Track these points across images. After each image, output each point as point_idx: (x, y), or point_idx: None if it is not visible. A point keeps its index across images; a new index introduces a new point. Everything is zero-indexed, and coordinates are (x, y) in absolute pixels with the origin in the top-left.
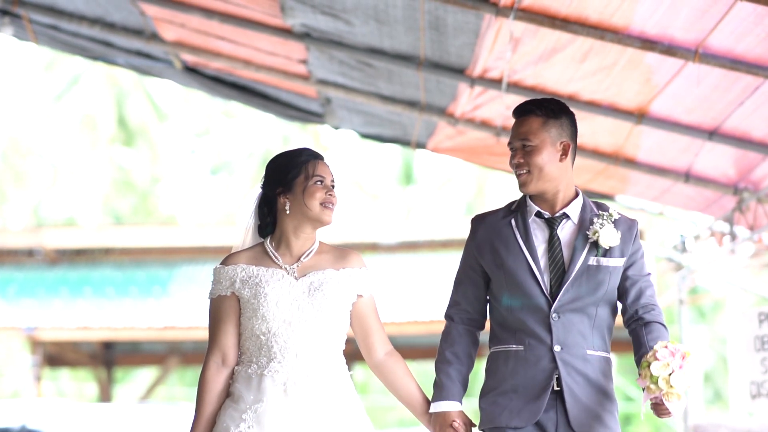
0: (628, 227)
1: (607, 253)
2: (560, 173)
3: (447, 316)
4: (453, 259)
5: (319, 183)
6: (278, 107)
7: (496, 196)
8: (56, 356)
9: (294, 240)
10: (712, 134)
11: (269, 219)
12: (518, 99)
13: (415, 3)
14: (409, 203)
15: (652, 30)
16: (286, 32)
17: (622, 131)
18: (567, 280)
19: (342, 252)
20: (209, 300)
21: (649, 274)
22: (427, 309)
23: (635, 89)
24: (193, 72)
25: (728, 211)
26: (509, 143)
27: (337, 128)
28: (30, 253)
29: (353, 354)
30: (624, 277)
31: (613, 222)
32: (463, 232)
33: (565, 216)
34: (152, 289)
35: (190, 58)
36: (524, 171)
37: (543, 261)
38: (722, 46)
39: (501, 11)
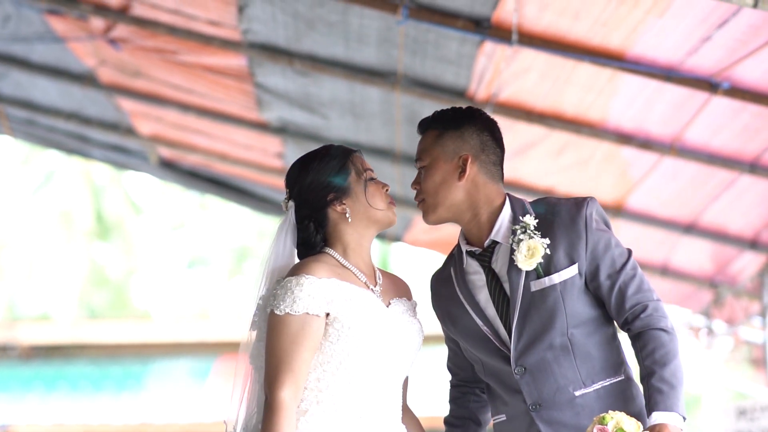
0: (569, 217)
1: (549, 267)
2: (465, 196)
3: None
4: (431, 354)
5: (372, 178)
6: (254, 201)
7: None
8: None
9: (364, 251)
10: (689, 228)
11: (318, 237)
12: None
13: (391, 97)
14: None
15: (628, 124)
16: (262, 126)
17: None
18: (513, 323)
19: (394, 276)
20: (286, 314)
21: (627, 260)
22: None
23: (611, 183)
24: (169, 166)
25: (705, 305)
26: None
27: None
28: (4, 349)
29: None
30: (594, 285)
31: (535, 226)
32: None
33: (495, 243)
34: (127, 384)
35: (166, 152)
36: (420, 199)
37: (490, 310)
38: (698, 140)
39: (477, 105)
